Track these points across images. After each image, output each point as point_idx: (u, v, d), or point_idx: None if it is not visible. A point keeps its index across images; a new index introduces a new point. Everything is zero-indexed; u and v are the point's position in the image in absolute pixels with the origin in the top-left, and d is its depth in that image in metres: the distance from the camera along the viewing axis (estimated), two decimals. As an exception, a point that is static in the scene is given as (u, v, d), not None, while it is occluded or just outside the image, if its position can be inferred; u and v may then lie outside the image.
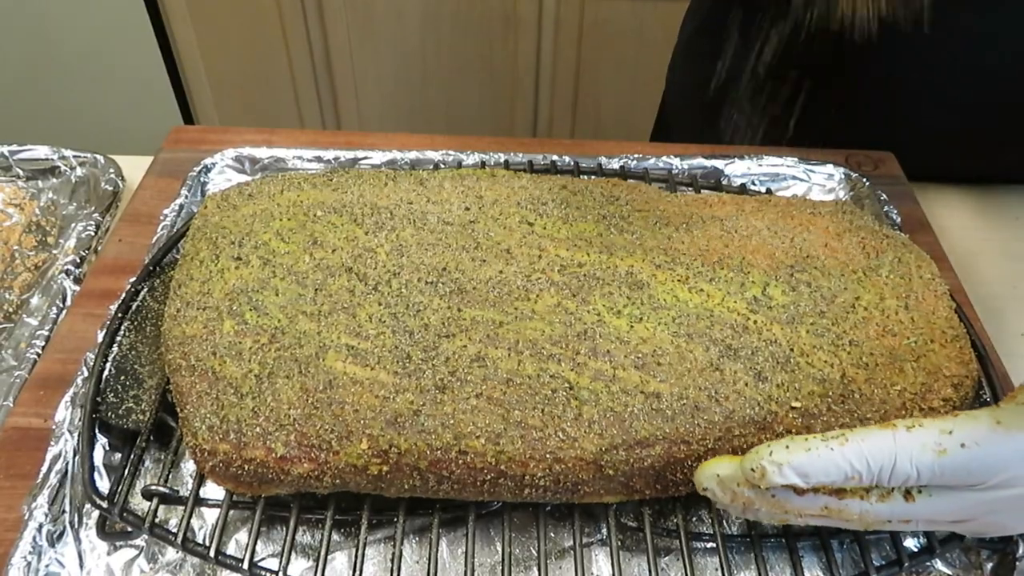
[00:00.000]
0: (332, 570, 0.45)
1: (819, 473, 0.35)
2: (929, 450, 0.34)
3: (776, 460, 0.35)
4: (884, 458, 0.34)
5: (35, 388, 0.52)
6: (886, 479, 0.35)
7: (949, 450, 0.34)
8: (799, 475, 0.35)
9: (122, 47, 1.44)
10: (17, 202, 0.66)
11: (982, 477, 0.34)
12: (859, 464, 0.34)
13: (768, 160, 0.68)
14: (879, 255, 0.50)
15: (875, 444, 0.35)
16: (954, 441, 0.34)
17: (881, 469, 0.34)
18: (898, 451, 0.34)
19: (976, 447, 0.34)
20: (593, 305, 0.46)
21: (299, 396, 0.42)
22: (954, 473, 0.34)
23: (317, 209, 0.52)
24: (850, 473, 0.34)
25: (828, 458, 0.35)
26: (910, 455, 0.34)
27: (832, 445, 0.35)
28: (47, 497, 0.45)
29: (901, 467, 0.34)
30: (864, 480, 0.35)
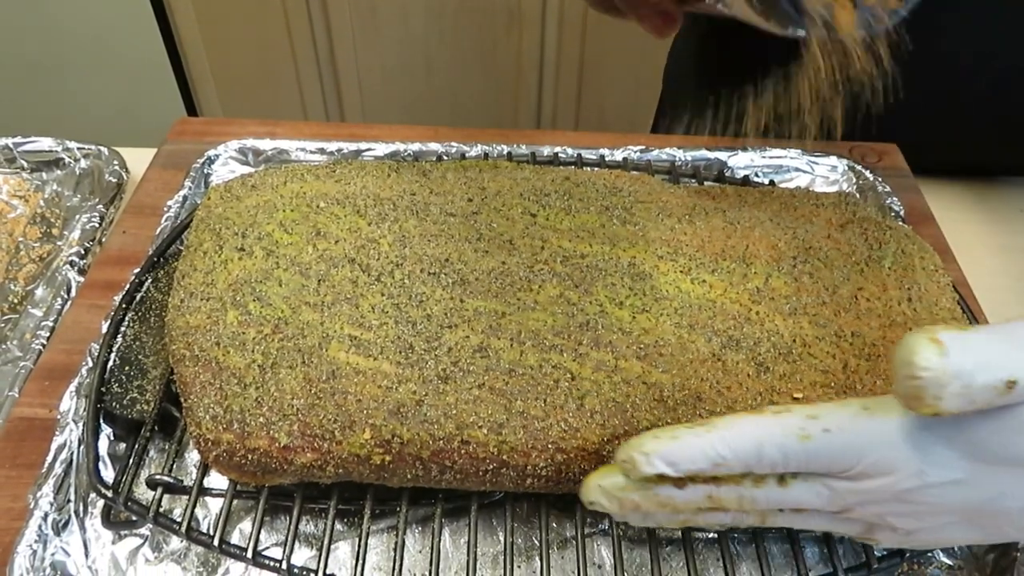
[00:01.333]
0: (335, 559, 0.45)
1: (686, 460, 0.34)
2: (793, 435, 0.33)
3: (644, 450, 0.35)
4: (749, 444, 0.34)
5: (40, 379, 0.52)
6: (754, 465, 0.34)
7: (813, 435, 0.33)
8: (667, 463, 0.34)
9: (126, 39, 1.44)
10: (22, 194, 0.66)
11: (846, 463, 0.34)
12: (724, 450, 0.34)
13: (771, 152, 0.68)
14: (882, 246, 0.50)
15: (740, 430, 0.34)
16: (818, 426, 0.33)
17: (747, 455, 0.34)
18: (762, 436, 0.34)
19: (840, 432, 0.33)
20: (595, 296, 0.46)
21: (302, 386, 0.42)
22: (818, 459, 0.34)
23: (320, 200, 0.52)
24: (717, 460, 0.34)
25: (695, 445, 0.34)
26: (775, 440, 0.33)
27: (698, 432, 0.34)
28: (52, 486, 0.45)
29: (767, 452, 0.34)
30: (733, 466, 0.34)
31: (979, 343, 0.31)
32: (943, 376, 0.30)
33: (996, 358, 0.30)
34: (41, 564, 0.44)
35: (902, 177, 0.68)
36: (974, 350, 0.30)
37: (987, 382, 0.30)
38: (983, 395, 0.30)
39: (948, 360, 0.30)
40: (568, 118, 1.59)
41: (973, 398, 0.30)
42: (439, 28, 1.47)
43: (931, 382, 0.30)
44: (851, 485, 0.34)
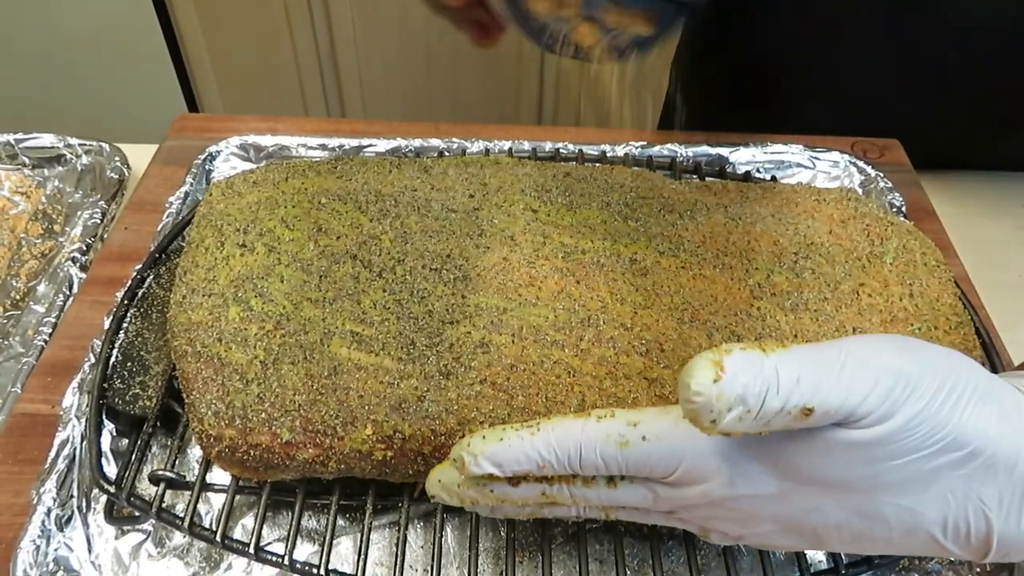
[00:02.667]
0: (337, 555, 0.45)
1: (511, 462, 0.35)
2: (612, 442, 0.34)
3: (472, 451, 0.35)
4: (571, 447, 0.34)
5: (42, 374, 0.52)
6: (577, 467, 0.34)
7: (631, 442, 0.34)
8: (494, 464, 0.35)
9: (127, 35, 1.43)
10: (23, 190, 0.66)
11: (664, 470, 0.34)
12: (547, 453, 0.34)
13: (773, 148, 0.68)
14: (884, 242, 0.50)
15: (563, 434, 0.34)
16: (637, 433, 0.34)
17: (569, 458, 0.34)
18: (584, 441, 0.34)
19: (656, 440, 0.34)
20: (597, 292, 0.46)
21: (304, 382, 0.42)
22: (636, 465, 0.34)
23: (322, 196, 0.52)
24: (540, 462, 0.34)
25: (519, 447, 0.34)
26: (594, 445, 0.34)
27: (524, 435, 0.35)
28: (55, 482, 0.46)
29: (587, 457, 0.34)
30: (556, 468, 0.35)
31: (776, 364, 0.30)
32: (715, 402, 0.29)
33: (793, 381, 0.29)
34: (44, 559, 0.44)
35: (904, 172, 0.68)
36: (767, 372, 0.29)
37: (781, 407, 0.29)
38: (778, 420, 0.30)
39: (724, 386, 0.29)
40: (569, 113, 1.59)
41: (766, 422, 0.30)
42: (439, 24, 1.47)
43: (703, 407, 0.29)
44: (671, 491, 0.35)
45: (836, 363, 0.30)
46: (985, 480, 0.31)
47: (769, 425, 0.30)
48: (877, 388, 0.30)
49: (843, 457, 0.31)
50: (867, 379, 0.30)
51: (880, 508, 0.32)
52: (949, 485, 0.31)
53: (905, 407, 0.30)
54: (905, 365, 0.30)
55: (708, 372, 0.29)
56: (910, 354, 0.31)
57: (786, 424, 0.30)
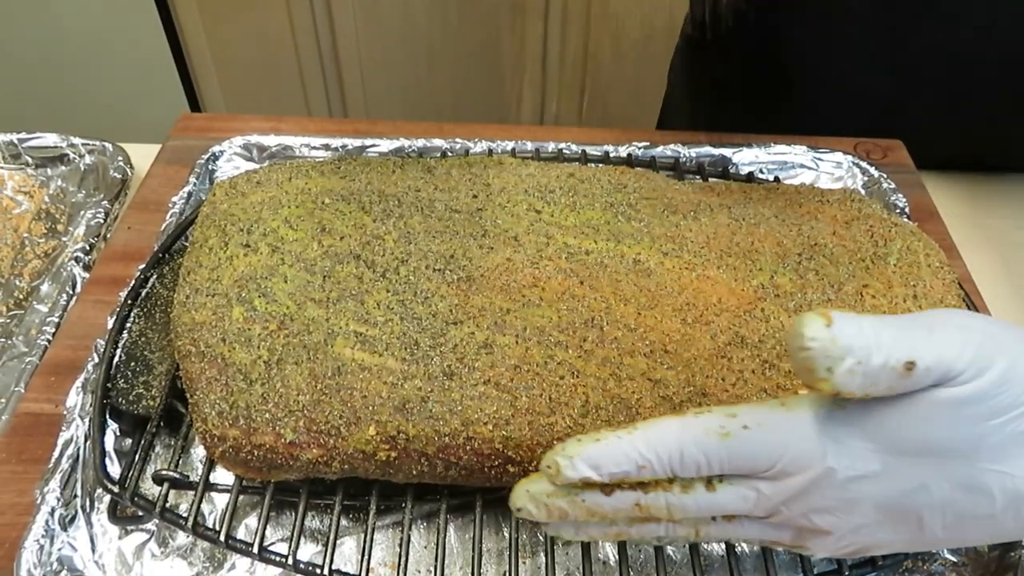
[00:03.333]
0: (341, 555, 0.45)
1: (610, 463, 0.34)
2: (713, 434, 0.33)
3: (567, 454, 0.34)
4: (671, 445, 0.33)
5: (46, 374, 0.52)
6: (678, 467, 0.34)
7: (732, 433, 0.33)
8: (591, 466, 0.34)
9: (129, 35, 1.44)
10: (27, 190, 0.66)
11: (768, 460, 0.33)
12: (648, 452, 0.33)
13: (776, 148, 0.68)
14: (887, 243, 0.50)
15: (662, 431, 0.34)
16: (737, 424, 0.33)
17: (670, 456, 0.33)
18: (684, 437, 0.33)
19: (758, 428, 0.33)
20: (600, 292, 0.46)
21: (308, 382, 0.42)
22: (740, 457, 0.33)
23: (325, 197, 0.52)
24: (640, 461, 0.33)
25: (617, 447, 0.33)
26: (695, 440, 0.33)
27: (621, 435, 0.34)
28: (59, 482, 0.46)
29: (689, 453, 0.33)
30: (656, 469, 0.34)
31: (873, 323, 0.31)
32: (831, 347, 0.30)
33: (893, 339, 0.31)
34: (48, 559, 0.44)
35: (907, 173, 0.68)
36: (867, 329, 0.31)
37: (884, 362, 0.31)
38: (883, 376, 0.31)
39: (835, 331, 0.30)
40: (571, 113, 1.59)
41: (873, 379, 0.31)
42: (442, 22, 1.47)
43: (819, 352, 0.30)
44: (774, 485, 0.34)
45: (925, 325, 0.32)
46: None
47: (875, 384, 0.31)
48: (967, 345, 0.31)
49: (946, 417, 0.32)
50: (956, 337, 0.31)
51: (984, 477, 0.32)
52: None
53: (996, 362, 0.31)
54: (986, 326, 0.32)
55: (818, 320, 0.30)
56: (988, 319, 0.33)
57: (890, 382, 0.31)
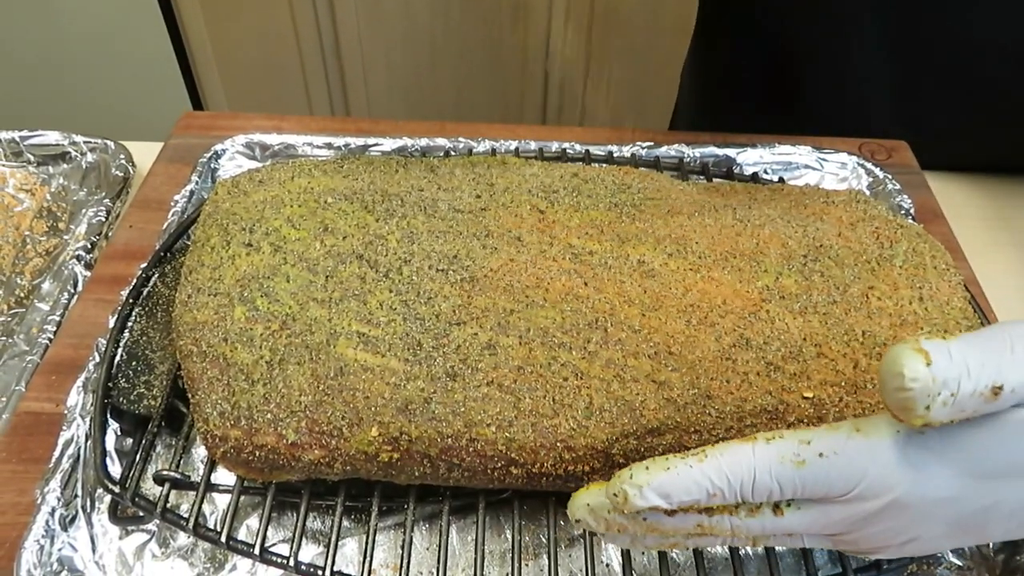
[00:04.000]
0: (343, 556, 0.45)
1: (680, 492, 0.33)
2: (788, 461, 0.33)
3: (636, 483, 0.33)
4: (744, 472, 0.33)
5: (47, 373, 0.52)
6: (749, 494, 0.33)
7: (808, 460, 0.32)
8: (660, 495, 0.33)
9: (132, 33, 1.43)
10: (28, 188, 0.66)
11: (844, 487, 0.33)
12: (719, 480, 0.33)
13: (781, 149, 0.68)
14: (893, 245, 0.50)
15: (734, 459, 0.33)
16: (812, 451, 0.33)
17: (742, 484, 0.33)
18: (757, 464, 0.33)
19: (834, 456, 0.33)
20: (604, 293, 0.46)
21: (310, 383, 0.42)
22: (815, 484, 0.33)
23: (328, 196, 0.51)
24: (711, 490, 0.33)
25: (688, 476, 0.33)
26: (769, 468, 0.33)
27: (691, 463, 0.33)
28: (60, 481, 0.45)
29: (761, 480, 0.33)
30: (727, 496, 0.33)
31: (960, 351, 0.30)
32: (931, 386, 0.30)
33: (980, 363, 0.30)
34: (48, 559, 0.44)
35: (912, 174, 0.68)
36: (957, 358, 0.30)
37: (973, 389, 0.30)
38: (971, 403, 0.30)
39: (935, 369, 0.30)
40: (574, 113, 1.58)
41: (962, 406, 0.30)
42: (444, 22, 1.47)
43: (920, 392, 0.30)
44: (847, 509, 0.33)
45: (1006, 344, 0.31)
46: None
47: (963, 410, 0.30)
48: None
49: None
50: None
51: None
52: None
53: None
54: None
55: (918, 358, 0.30)
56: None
57: (977, 407, 0.31)
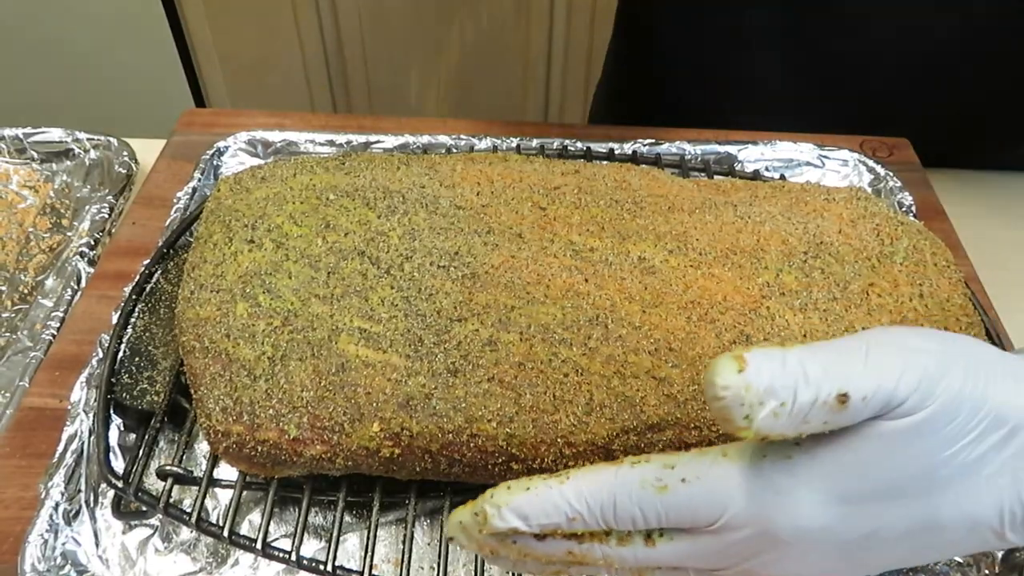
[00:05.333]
0: (344, 551, 0.45)
1: (539, 514, 0.31)
2: (650, 487, 0.30)
3: (496, 503, 0.32)
4: (604, 497, 0.31)
5: (50, 369, 0.52)
6: (612, 520, 0.31)
7: (670, 486, 0.30)
8: (519, 517, 0.31)
9: (134, 30, 1.44)
10: (32, 184, 0.66)
11: (709, 516, 0.31)
12: (578, 504, 0.31)
13: (782, 146, 0.68)
14: (894, 242, 0.50)
15: (595, 481, 0.31)
16: (675, 476, 0.30)
17: (602, 509, 0.31)
18: (617, 489, 0.31)
19: (698, 481, 0.30)
20: (605, 290, 0.46)
21: (312, 379, 0.42)
22: (679, 512, 0.31)
23: (330, 192, 0.52)
24: (571, 513, 0.31)
25: (547, 498, 0.31)
26: (630, 493, 0.30)
27: (552, 484, 0.31)
28: (63, 476, 0.46)
29: (622, 506, 0.31)
30: (588, 522, 0.31)
31: (799, 358, 0.28)
32: (744, 395, 0.28)
33: (823, 370, 0.28)
34: (52, 553, 0.44)
35: (913, 171, 0.68)
36: (793, 365, 0.28)
37: (814, 398, 0.28)
38: (816, 413, 0.28)
39: (750, 376, 0.28)
40: (576, 110, 1.58)
41: (803, 417, 0.28)
42: (446, 19, 1.47)
43: (733, 401, 0.28)
44: (717, 540, 0.31)
45: (860, 350, 0.29)
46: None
47: (807, 421, 0.28)
48: (909, 369, 0.28)
49: (892, 454, 0.29)
50: (897, 361, 0.29)
51: (939, 512, 0.30)
52: (997, 470, 0.29)
53: (943, 386, 0.29)
54: (930, 345, 0.29)
55: (731, 365, 0.28)
56: (933, 336, 0.30)
57: (823, 418, 0.29)
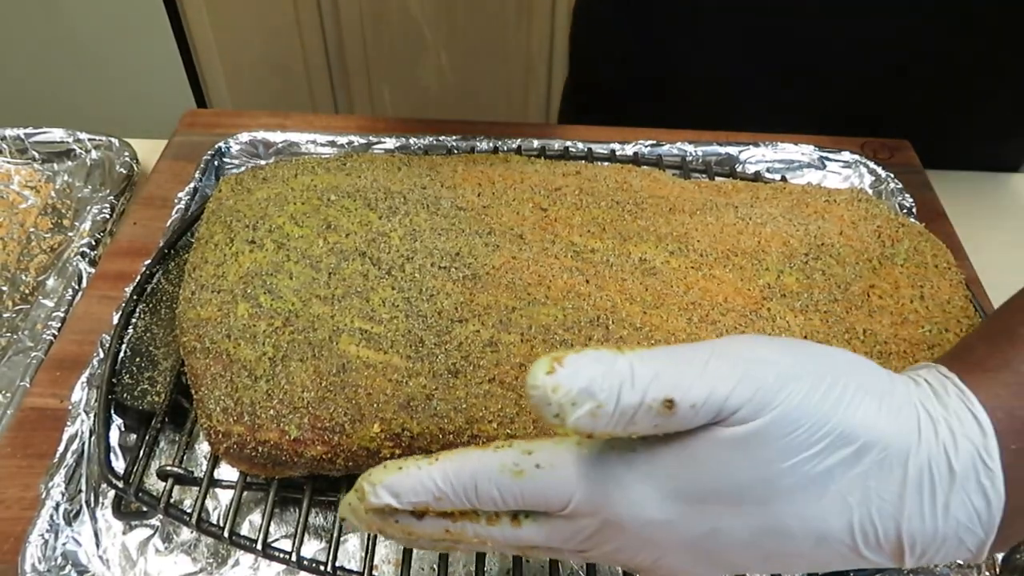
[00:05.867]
0: (345, 552, 0.45)
1: (408, 492, 0.33)
2: (507, 471, 0.32)
3: (372, 480, 0.33)
4: (466, 478, 0.32)
5: (51, 369, 0.52)
6: (474, 500, 0.32)
7: (526, 471, 0.32)
8: (391, 494, 0.33)
9: (136, 30, 1.44)
10: (33, 184, 0.66)
11: (559, 502, 0.32)
12: (443, 484, 0.32)
13: (783, 147, 0.68)
14: (894, 244, 0.50)
15: (460, 464, 0.32)
16: (531, 462, 0.32)
17: (465, 489, 0.32)
18: (479, 471, 0.32)
19: (550, 468, 0.31)
20: (606, 291, 0.46)
21: (312, 379, 0.42)
22: (533, 496, 0.32)
23: (331, 193, 0.52)
24: (436, 493, 0.32)
25: (416, 477, 0.33)
26: (490, 476, 0.32)
27: (422, 464, 0.33)
28: (64, 476, 0.46)
29: (483, 488, 0.32)
30: (454, 501, 0.33)
31: (631, 359, 0.29)
32: (551, 394, 0.28)
33: (654, 374, 0.28)
34: (52, 554, 0.44)
35: (914, 173, 0.68)
36: (616, 368, 0.28)
37: (640, 400, 0.28)
38: (644, 417, 0.28)
39: (559, 378, 0.28)
40: (577, 111, 1.58)
41: (628, 419, 0.28)
42: (448, 20, 1.47)
43: (540, 400, 0.28)
44: (572, 525, 0.32)
45: (701, 358, 0.29)
46: (881, 477, 0.29)
47: (633, 422, 0.29)
48: (746, 379, 0.29)
49: (727, 460, 0.29)
50: (734, 370, 0.29)
51: (783, 520, 0.30)
52: (846, 487, 0.29)
53: (781, 398, 0.29)
54: (778, 358, 0.29)
55: (543, 366, 0.28)
56: (786, 347, 0.30)
57: (650, 421, 0.29)
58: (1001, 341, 0.32)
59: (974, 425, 0.30)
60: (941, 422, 0.30)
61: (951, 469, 0.29)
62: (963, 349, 0.34)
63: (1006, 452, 0.30)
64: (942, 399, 0.31)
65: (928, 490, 0.30)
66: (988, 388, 0.31)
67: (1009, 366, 0.31)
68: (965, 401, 0.31)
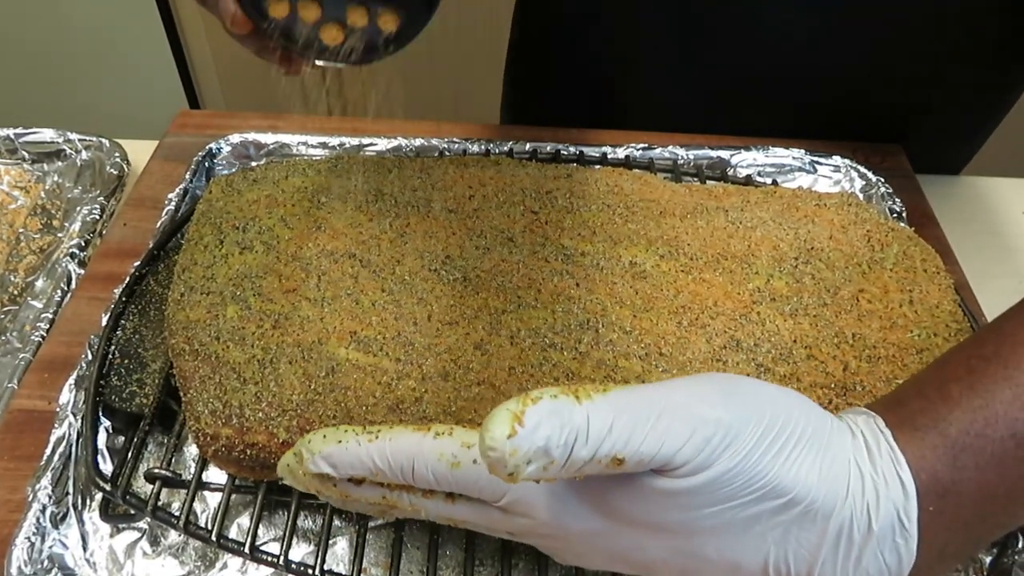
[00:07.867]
0: (333, 555, 0.45)
1: (346, 465, 0.35)
2: (445, 461, 0.33)
3: (311, 448, 0.35)
4: (403, 461, 0.34)
5: (39, 370, 0.52)
6: (410, 479, 0.34)
7: (463, 464, 0.33)
8: (329, 464, 0.35)
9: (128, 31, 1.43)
10: (23, 185, 0.66)
11: (492, 496, 0.34)
12: (381, 462, 0.34)
13: (774, 151, 0.68)
14: (884, 248, 0.50)
15: (399, 446, 0.34)
16: (469, 456, 0.33)
17: (402, 470, 0.34)
18: (417, 456, 0.34)
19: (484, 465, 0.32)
20: (596, 294, 0.46)
21: (301, 382, 0.42)
22: (467, 487, 0.34)
23: (321, 195, 0.52)
24: (373, 469, 0.34)
25: (354, 452, 0.35)
26: (427, 462, 0.34)
27: (362, 440, 0.35)
28: (51, 479, 0.45)
29: (419, 471, 0.34)
30: (390, 477, 0.34)
31: (582, 416, 0.29)
32: (508, 458, 0.28)
33: (602, 432, 0.29)
34: (39, 556, 0.44)
35: (905, 177, 0.68)
36: (573, 422, 0.29)
37: (591, 456, 0.29)
38: (589, 468, 0.29)
39: (519, 441, 0.28)
40: (571, 114, 1.58)
41: (577, 469, 0.29)
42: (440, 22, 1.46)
43: (497, 462, 0.28)
44: (505, 518, 0.35)
45: (653, 411, 0.30)
46: (804, 526, 0.31)
47: (581, 472, 0.30)
48: (694, 438, 0.29)
49: (659, 503, 0.31)
50: (684, 428, 0.29)
51: (701, 549, 0.32)
52: (768, 528, 0.31)
53: (722, 458, 0.30)
54: (726, 414, 0.30)
55: (504, 427, 0.28)
56: (735, 400, 0.31)
57: (599, 472, 0.30)
58: (935, 397, 0.33)
59: (899, 488, 0.31)
60: (869, 480, 0.31)
61: (870, 528, 0.31)
62: (898, 401, 0.34)
63: (924, 513, 0.31)
64: (873, 457, 0.32)
65: (845, 544, 0.31)
66: (916, 449, 0.32)
67: (937, 427, 0.32)
68: (894, 461, 0.32)
